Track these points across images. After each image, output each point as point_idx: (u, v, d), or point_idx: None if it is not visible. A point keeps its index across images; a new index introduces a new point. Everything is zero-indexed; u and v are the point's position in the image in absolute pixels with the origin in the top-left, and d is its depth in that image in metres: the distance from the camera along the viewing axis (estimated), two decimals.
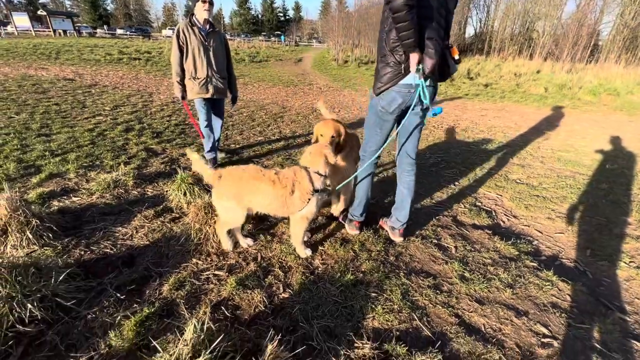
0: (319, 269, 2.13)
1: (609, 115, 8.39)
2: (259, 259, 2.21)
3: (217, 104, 3.67)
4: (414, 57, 1.83)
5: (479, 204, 3.25)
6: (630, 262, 2.46)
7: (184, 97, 3.41)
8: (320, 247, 2.38)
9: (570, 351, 1.68)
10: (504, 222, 2.95)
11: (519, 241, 2.60)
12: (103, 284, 1.88)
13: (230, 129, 5.34)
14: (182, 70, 3.32)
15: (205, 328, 1.40)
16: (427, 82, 1.97)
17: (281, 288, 1.96)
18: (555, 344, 1.71)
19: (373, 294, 1.94)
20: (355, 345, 1.60)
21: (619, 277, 2.30)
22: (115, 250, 2.20)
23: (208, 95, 3.39)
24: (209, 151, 3.65)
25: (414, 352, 1.57)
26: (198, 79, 3.31)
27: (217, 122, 3.80)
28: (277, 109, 7.03)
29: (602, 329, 1.83)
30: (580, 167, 4.47)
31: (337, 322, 1.74)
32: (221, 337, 1.32)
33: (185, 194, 2.77)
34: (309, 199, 2.00)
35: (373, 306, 1.85)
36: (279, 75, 13.36)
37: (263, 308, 1.80)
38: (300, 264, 2.17)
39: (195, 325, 1.37)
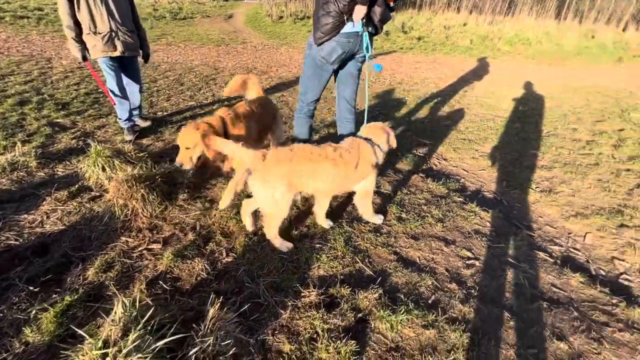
0: (263, 230, 2.09)
1: (523, 63, 9.26)
2: (197, 227, 2.09)
3: (129, 64, 3.17)
4: (362, 10, 1.79)
5: (414, 151, 3.43)
6: (536, 187, 2.85)
7: (85, 58, 2.87)
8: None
9: (489, 268, 1.93)
10: (435, 165, 3.17)
11: (448, 181, 2.83)
12: (9, 279, 1.62)
13: (155, 95, 4.76)
14: (76, 23, 2.75)
15: (137, 305, 1.30)
16: (371, 29, 1.96)
17: (224, 253, 1.89)
18: (477, 264, 1.95)
19: (318, 245, 1.98)
20: (302, 294, 1.64)
21: (527, 202, 2.66)
22: (21, 240, 1.89)
23: (117, 53, 2.90)
24: (125, 120, 3.18)
25: (357, 291, 1.66)
26: (99, 33, 2.78)
27: (133, 87, 3.32)
28: (209, 71, 6.41)
29: (514, 245, 2.12)
30: (498, 110, 4.93)
31: (284, 276, 1.75)
32: (152, 310, 1.22)
33: (103, 169, 2.44)
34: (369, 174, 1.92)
35: (318, 256, 1.89)
36: (207, 34, 12.05)
37: (205, 275, 1.73)
38: (242, 227, 2.10)
39: (124, 303, 1.26)
